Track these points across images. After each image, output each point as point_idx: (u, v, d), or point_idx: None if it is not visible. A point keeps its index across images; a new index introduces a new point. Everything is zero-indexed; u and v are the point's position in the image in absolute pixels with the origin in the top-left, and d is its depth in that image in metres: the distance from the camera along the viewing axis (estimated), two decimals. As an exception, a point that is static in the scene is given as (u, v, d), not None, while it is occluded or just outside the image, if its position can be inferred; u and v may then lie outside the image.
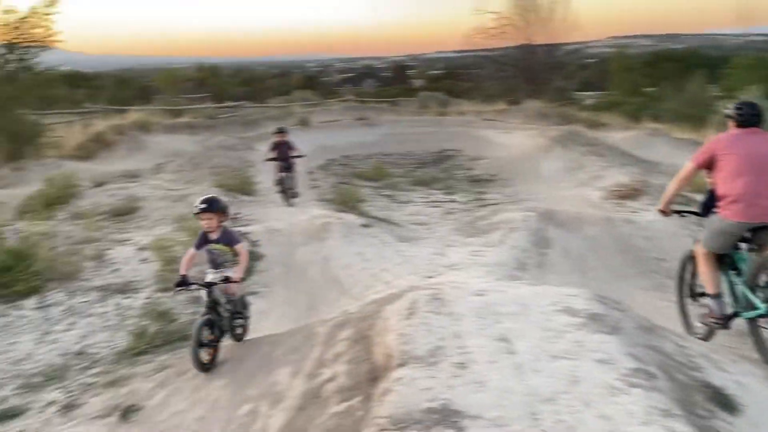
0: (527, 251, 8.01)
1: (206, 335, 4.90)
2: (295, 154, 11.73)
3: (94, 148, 17.37)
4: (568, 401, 2.85)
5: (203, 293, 5.02)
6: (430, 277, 7.05)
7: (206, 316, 4.93)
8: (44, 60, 17.58)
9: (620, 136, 18.53)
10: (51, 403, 5.06)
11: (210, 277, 5.08)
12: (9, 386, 5.41)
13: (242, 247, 5.17)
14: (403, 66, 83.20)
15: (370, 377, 3.44)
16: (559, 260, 7.95)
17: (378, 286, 7.01)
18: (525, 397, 2.90)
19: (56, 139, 18.07)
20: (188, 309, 6.94)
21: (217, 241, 5.10)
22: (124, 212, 10.32)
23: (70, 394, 5.19)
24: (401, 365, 3.26)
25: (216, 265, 5.16)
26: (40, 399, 5.16)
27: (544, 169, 14.89)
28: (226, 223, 5.24)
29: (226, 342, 5.13)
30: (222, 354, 4.98)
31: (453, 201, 12.44)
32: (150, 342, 5.92)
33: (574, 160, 14.95)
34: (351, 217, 9.14)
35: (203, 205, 5.04)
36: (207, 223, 5.06)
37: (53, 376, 5.59)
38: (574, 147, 15.73)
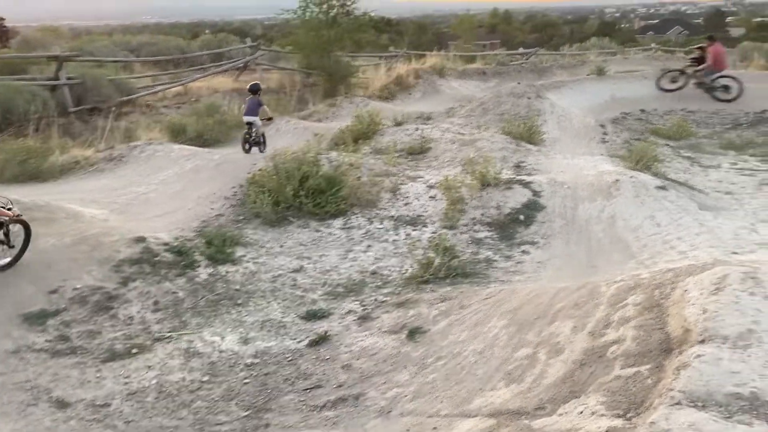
0: None
1: None
2: None
3: (394, 89, 18.82)
4: None
5: None
6: (736, 253, 6.23)
7: None
8: (360, 6, 19.36)
9: None
10: (350, 312, 5.80)
11: None
12: (318, 291, 6.34)
13: None
14: (721, 12, 72.36)
15: (662, 348, 3.23)
16: None
17: (671, 255, 6.45)
18: None
19: (364, 80, 20.01)
20: (470, 248, 7.27)
21: None
22: (418, 151, 11.03)
23: (365, 307, 5.89)
24: (703, 342, 2.99)
25: None
26: (341, 307, 5.94)
27: None
28: None
29: (508, 287, 5.26)
30: (502, 297, 5.12)
31: (771, 170, 10.69)
32: (434, 273, 6.35)
33: None
34: (645, 177, 8.45)
35: None
36: None
37: (352, 288, 6.38)
38: None
